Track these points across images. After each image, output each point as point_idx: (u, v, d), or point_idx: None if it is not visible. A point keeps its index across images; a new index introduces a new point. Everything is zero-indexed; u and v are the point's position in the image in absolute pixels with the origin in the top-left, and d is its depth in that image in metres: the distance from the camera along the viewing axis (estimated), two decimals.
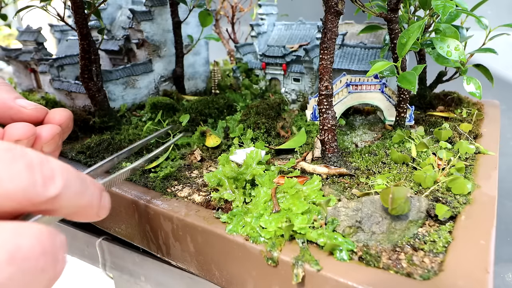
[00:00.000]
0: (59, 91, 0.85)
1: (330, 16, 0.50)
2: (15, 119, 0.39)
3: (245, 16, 1.32)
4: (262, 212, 0.42)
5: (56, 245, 0.22)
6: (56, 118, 0.41)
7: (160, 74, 0.90)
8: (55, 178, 0.23)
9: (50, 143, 0.39)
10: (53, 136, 0.39)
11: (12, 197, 0.21)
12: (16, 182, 0.21)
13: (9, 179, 0.21)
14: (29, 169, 0.22)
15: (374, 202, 0.41)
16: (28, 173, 0.22)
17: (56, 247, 0.22)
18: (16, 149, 0.22)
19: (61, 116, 0.42)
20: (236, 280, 0.44)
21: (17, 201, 0.21)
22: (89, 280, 1.29)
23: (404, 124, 0.66)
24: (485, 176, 0.50)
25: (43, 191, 0.22)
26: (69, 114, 0.43)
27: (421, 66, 0.54)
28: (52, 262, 0.21)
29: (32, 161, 0.22)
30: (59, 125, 0.41)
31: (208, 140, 0.65)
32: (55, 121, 0.41)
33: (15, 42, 1.75)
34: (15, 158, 0.22)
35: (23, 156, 0.22)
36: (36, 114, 0.40)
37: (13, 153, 0.22)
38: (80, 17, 0.63)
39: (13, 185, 0.21)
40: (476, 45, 0.71)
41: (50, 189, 0.23)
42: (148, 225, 0.50)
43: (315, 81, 0.83)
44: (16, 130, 0.36)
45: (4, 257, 0.19)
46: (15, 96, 0.39)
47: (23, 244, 0.20)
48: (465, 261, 0.35)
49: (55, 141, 0.40)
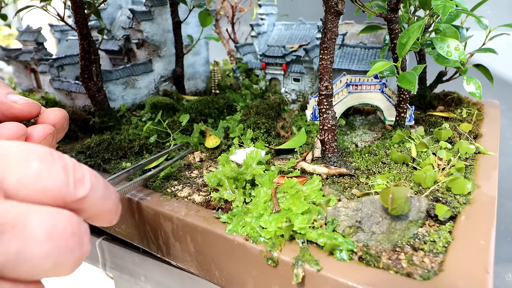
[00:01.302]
0: (59, 91, 0.85)
1: (330, 16, 0.50)
2: (6, 114, 0.38)
3: (245, 16, 1.32)
4: (262, 212, 0.42)
5: (82, 229, 0.25)
6: (50, 118, 0.41)
7: (160, 74, 0.90)
8: (85, 181, 0.26)
9: (42, 144, 0.38)
10: (45, 136, 0.39)
11: (49, 193, 0.24)
12: (54, 180, 0.24)
13: (49, 177, 0.24)
14: (65, 171, 0.25)
15: (374, 202, 0.41)
16: (64, 174, 0.25)
17: (82, 231, 0.25)
18: (55, 152, 0.25)
19: (55, 116, 0.41)
20: (236, 280, 0.44)
21: (52, 197, 0.24)
22: (89, 280, 1.29)
23: (404, 124, 0.66)
24: (485, 176, 0.50)
25: (74, 191, 0.25)
26: (64, 114, 0.42)
27: (421, 66, 0.54)
28: (79, 243, 0.24)
29: (68, 165, 0.25)
30: (52, 125, 0.40)
31: (208, 141, 0.65)
32: (49, 121, 0.41)
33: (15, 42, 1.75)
34: (55, 160, 0.25)
35: (61, 158, 0.25)
36: (28, 109, 0.39)
37: (53, 156, 0.25)
38: (80, 17, 0.63)
39: (51, 183, 0.24)
40: (476, 45, 0.71)
41: (80, 190, 0.26)
42: (148, 225, 0.50)
43: (315, 81, 0.83)
44: (6, 130, 0.36)
45: (43, 234, 0.22)
46: (7, 91, 0.39)
47: (58, 224, 0.23)
48: (465, 261, 0.35)
49: (48, 142, 0.39)
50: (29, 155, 0.24)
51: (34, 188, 0.23)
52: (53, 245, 0.22)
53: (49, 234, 0.22)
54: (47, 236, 0.22)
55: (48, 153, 0.25)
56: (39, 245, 0.22)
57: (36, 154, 0.24)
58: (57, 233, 0.23)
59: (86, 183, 0.26)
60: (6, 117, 0.39)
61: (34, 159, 0.24)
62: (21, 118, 0.39)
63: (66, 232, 0.23)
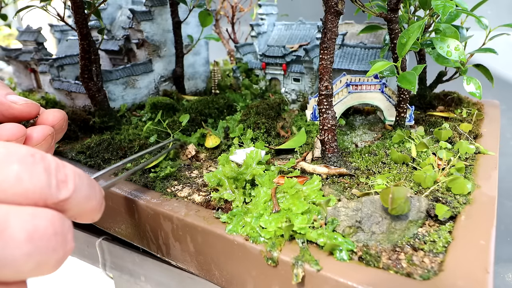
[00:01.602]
0: (59, 91, 0.85)
1: (330, 16, 0.50)
2: (6, 115, 0.38)
3: (245, 16, 1.32)
4: (262, 212, 0.42)
5: (65, 228, 0.25)
6: (49, 119, 0.41)
7: (160, 74, 0.90)
8: (68, 182, 0.26)
9: (41, 144, 0.39)
10: (45, 137, 0.39)
11: (30, 196, 0.23)
12: (35, 183, 0.24)
13: (29, 180, 0.23)
14: (47, 173, 0.24)
15: (374, 202, 0.41)
16: (46, 176, 0.24)
17: (65, 229, 0.25)
18: (37, 153, 0.25)
19: (54, 117, 0.41)
20: (236, 280, 0.44)
21: (33, 200, 0.24)
22: (89, 280, 1.29)
23: (404, 124, 0.66)
24: (485, 176, 0.50)
25: (56, 193, 0.25)
26: (63, 115, 0.42)
27: (421, 66, 0.54)
28: (62, 242, 0.24)
29: (50, 165, 0.25)
30: (52, 126, 0.40)
31: (208, 141, 0.65)
32: (48, 122, 0.41)
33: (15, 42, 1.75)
34: (36, 161, 0.24)
35: (43, 160, 0.25)
36: (27, 110, 0.39)
37: (35, 157, 0.24)
38: (80, 17, 0.63)
39: (32, 185, 0.24)
40: (476, 45, 0.71)
41: (62, 191, 0.25)
42: (148, 225, 0.50)
43: (315, 81, 0.83)
44: (6, 131, 0.36)
45: (23, 236, 0.22)
46: (7, 92, 0.39)
47: (39, 225, 0.23)
48: (465, 261, 0.35)
49: (47, 142, 0.39)
50: (9, 158, 0.23)
51: (14, 192, 0.23)
52: (34, 246, 0.22)
53: (30, 236, 0.22)
54: (28, 238, 0.22)
55: (29, 154, 0.24)
56: (20, 247, 0.22)
57: (17, 156, 0.24)
58: (38, 234, 0.23)
59: (69, 184, 0.26)
60: (6, 118, 0.38)
61: (14, 162, 0.23)
62: (20, 118, 0.39)
63: (47, 232, 0.23)
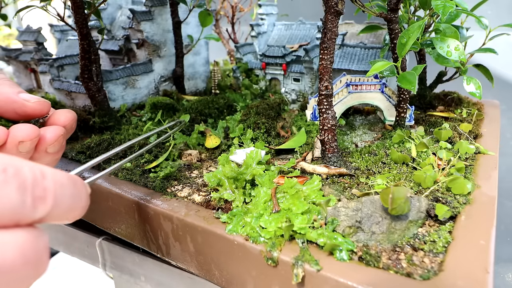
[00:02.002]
0: (59, 91, 0.85)
1: (330, 16, 0.50)
2: (19, 112, 0.39)
3: (245, 16, 1.32)
4: (262, 212, 0.42)
5: (39, 251, 0.22)
6: (61, 119, 0.42)
7: (160, 74, 0.90)
8: (47, 198, 0.23)
9: (54, 145, 0.39)
10: (57, 137, 0.40)
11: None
12: (4, 203, 0.21)
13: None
14: (20, 191, 0.22)
15: (374, 202, 0.41)
16: (18, 194, 0.22)
17: (39, 252, 0.22)
18: (10, 169, 0.22)
19: (66, 117, 0.42)
20: (236, 280, 0.44)
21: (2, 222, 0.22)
22: (89, 280, 1.29)
23: (404, 124, 0.66)
24: (485, 176, 0.50)
25: (31, 212, 0.22)
26: (74, 115, 0.43)
27: (421, 66, 0.54)
28: (34, 269, 0.22)
29: (25, 182, 0.22)
30: (63, 127, 0.41)
31: (208, 141, 0.65)
32: (59, 122, 0.42)
33: (15, 42, 1.75)
34: (7, 180, 0.22)
35: (16, 176, 0.22)
36: (40, 107, 0.40)
37: (6, 173, 0.22)
38: (80, 17, 0.63)
39: (1, 206, 0.21)
40: (476, 45, 0.71)
41: (39, 209, 0.23)
42: (148, 225, 0.50)
43: (315, 81, 0.83)
44: (20, 132, 0.36)
45: None
46: (18, 90, 0.39)
47: (6, 257, 0.21)
48: (465, 261, 0.35)
49: (59, 143, 0.40)
50: None
51: None
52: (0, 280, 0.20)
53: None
54: None
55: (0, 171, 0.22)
56: None
57: None
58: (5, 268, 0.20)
59: (48, 199, 0.23)
60: (18, 115, 0.39)
61: None
62: (33, 116, 0.40)
63: (16, 264, 0.21)
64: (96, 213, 0.58)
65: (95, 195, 0.43)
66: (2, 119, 0.39)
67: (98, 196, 0.54)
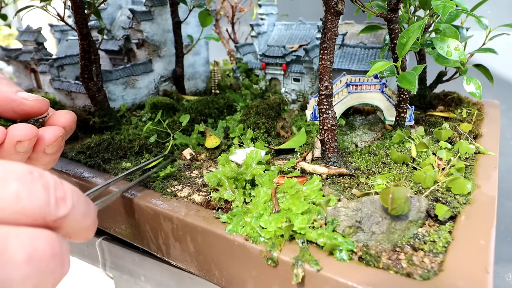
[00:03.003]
0: (59, 91, 0.85)
1: (330, 16, 0.50)
2: (17, 111, 0.39)
3: (245, 16, 1.32)
4: (262, 212, 0.42)
5: (63, 250, 0.25)
6: (61, 120, 0.42)
7: (160, 74, 0.90)
8: (67, 199, 0.26)
9: (53, 145, 0.39)
10: (56, 138, 0.39)
11: (29, 214, 0.23)
12: (33, 201, 0.24)
13: (28, 198, 0.23)
14: (46, 190, 0.24)
15: (374, 202, 0.41)
16: (45, 193, 0.24)
17: (63, 251, 0.25)
18: (35, 171, 0.25)
19: (66, 118, 0.42)
20: (236, 280, 0.44)
21: (32, 217, 0.24)
22: (89, 280, 1.29)
23: (404, 124, 0.66)
24: (485, 176, 0.50)
25: (55, 210, 0.25)
26: (74, 116, 0.43)
27: (421, 66, 0.54)
28: (60, 264, 0.24)
29: (48, 183, 0.25)
30: (63, 128, 0.41)
31: (208, 141, 0.65)
32: (59, 123, 0.41)
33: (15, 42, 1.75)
34: (34, 179, 0.24)
35: (41, 177, 0.25)
36: (38, 105, 0.39)
37: (33, 174, 0.24)
38: (80, 17, 0.63)
39: (31, 204, 0.23)
40: (476, 45, 0.71)
41: (61, 209, 0.25)
42: (148, 225, 0.50)
43: (315, 81, 0.83)
44: (18, 132, 0.36)
45: (22, 257, 0.22)
46: (17, 89, 0.39)
47: (38, 247, 0.23)
48: (465, 261, 0.35)
49: (58, 143, 0.40)
50: (7, 176, 0.23)
51: (13, 211, 0.23)
52: (33, 268, 0.22)
53: (29, 258, 0.22)
54: (27, 260, 0.22)
55: (27, 172, 0.24)
56: (19, 269, 0.22)
57: (15, 174, 0.24)
58: (37, 256, 0.23)
59: (67, 201, 0.26)
60: (17, 114, 0.39)
61: (12, 180, 0.23)
62: (31, 114, 0.40)
63: (46, 254, 0.23)
64: None
65: (95, 195, 0.43)
66: (1, 119, 0.39)
67: (98, 196, 0.54)
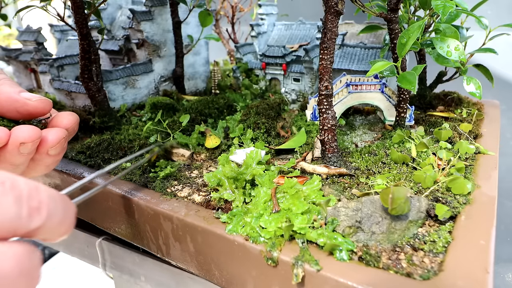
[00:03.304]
0: (59, 91, 0.85)
1: (330, 16, 0.50)
2: (21, 111, 0.39)
3: (245, 16, 1.32)
4: (262, 212, 0.42)
5: (33, 264, 0.24)
6: (64, 122, 0.42)
7: (160, 74, 0.90)
8: (41, 209, 0.25)
9: (56, 147, 0.39)
10: (59, 140, 0.40)
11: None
12: (3, 215, 0.23)
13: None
14: (17, 202, 0.24)
15: (374, 202, 0.41)
16: (16, 206, 0.23)
17: (33, 266, 0.24)
18: (7, 182, 0.24)
19: (69, 120, 0.42)
20: (236, 280, 0.44)
21: (2, 231, 0.23)
22: (89, 280, 1.29)
23: (404, 124, 0.66)
24: (485, 176, 0.50)
25: (27, 223, 0.24)
26: (76, 118, 0.43)
27: (421, 66, 0.54)
28: (28, 281, 0.23)
29: (21, 194, 0.24)
30: (65, 129, 0.41)
31: (208, 141, 0.65)
32: (62, 124, 0.41)
33: (15, 42, 1.75)
34: (5, 191, 0.23)
35: (14, 188, 0.24)
36: (41, 106, 0.40)
37: (4, 185, 0.23)
38: (80, 17, 0.63)
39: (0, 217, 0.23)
40: (476, 45, 0.71)
41: (34, 220, 0.24)
42: (148, 225, 0.50)
43: (315, 81, 0.83)
44: (22, 133, 0.36)
45: None
46: (19, 90, 0.39)
47: (4, 266, 0.22)
48: (465, 261, 0.35)
49: (61, 145, 0.40)
50: None
51: None
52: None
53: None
54: None
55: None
56: None
57: None
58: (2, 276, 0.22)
59: (42, 211, 0.25)
60: (20, 114, 0.39)
61: None
62: (35, 115, 0.40)
63: (14, 272, 0.22)
64: (96, 213, 0.58)
65: (95, 195, 0.43)
66: (4, 120, 0.39)
67: (98, 196, 0.54)
